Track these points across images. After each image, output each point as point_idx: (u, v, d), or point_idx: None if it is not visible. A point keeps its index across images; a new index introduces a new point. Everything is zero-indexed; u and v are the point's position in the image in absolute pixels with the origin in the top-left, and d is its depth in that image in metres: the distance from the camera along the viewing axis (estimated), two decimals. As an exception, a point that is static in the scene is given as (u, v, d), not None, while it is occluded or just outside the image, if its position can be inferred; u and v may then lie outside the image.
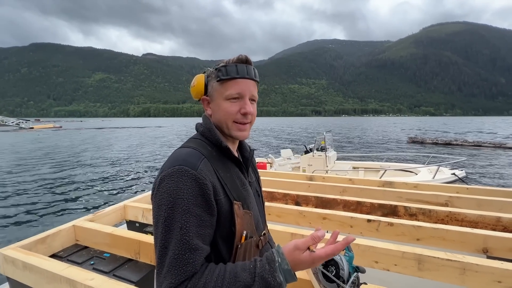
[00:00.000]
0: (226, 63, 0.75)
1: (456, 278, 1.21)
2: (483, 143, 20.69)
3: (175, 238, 0.61)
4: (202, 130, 0.80)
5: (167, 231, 0.62)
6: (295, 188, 2.77)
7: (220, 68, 0.75)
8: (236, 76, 0.73)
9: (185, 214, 0.62)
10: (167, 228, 0.62)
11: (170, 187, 0.63)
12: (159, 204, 0.64)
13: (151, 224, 2.01)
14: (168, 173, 0.65)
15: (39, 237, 1.52)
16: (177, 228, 0.61)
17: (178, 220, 0.61)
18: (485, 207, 2.12)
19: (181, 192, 0.62)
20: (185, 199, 0.62)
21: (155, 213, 0.65)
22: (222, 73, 0.74)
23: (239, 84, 0.74)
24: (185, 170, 0.64)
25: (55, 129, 47.74)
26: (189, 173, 0.64)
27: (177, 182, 0.63)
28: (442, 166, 6.54)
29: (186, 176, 0.64)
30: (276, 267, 0.60)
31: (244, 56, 0.76)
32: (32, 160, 14.75)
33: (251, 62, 0.77)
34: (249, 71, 0.75)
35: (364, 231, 1.77)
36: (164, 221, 0.62)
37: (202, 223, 0.64)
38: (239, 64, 0.75)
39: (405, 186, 2.72)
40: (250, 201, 0.77)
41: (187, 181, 0.63)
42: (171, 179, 0.64)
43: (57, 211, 6.90)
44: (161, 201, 0.64)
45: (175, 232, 0.61)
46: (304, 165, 7.43)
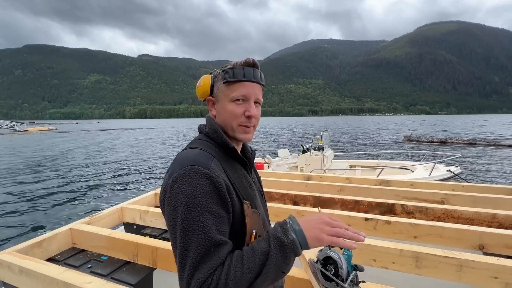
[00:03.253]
0: (234, 65, 0.76)
1: (453, 275, 1.22)
2: (477, 141, 20.93)
3: (197, 237, 0.60)
4: (207, 131, 0.80)
5: (186, 232, 0.60)
6: (293, 187, 2.78)
7: (227, 70, 0.75)
8: (243, 79, 0.74)
9: (204, 213, 0.61)
10: (186, 229, 0.60)
11: (184, 188, 0.62)
12: (174, 206, 0.63)
13: (149, 226, 2.01)
14: (180, 173, 0.64)
15: (35, 240, 1.51)
16: (197, 227, 0.60)
17: (197, 220, 0.60)
18: (481, 204, 2.14)
19: (197, 191, 0.62)
20: (202, 198, 0.62)
21: (171, 216, 0.63)
22: (229, 75, 0.75)
23: (245, 87, 0.75)
24: (198, 169, 0.64)
25: (50, 132, 47.26)
26: (202, 172, 0.64)
27: (191, 182, 0.62)
28: (438, 163, 6.61)
29: (200, 175, 0.63)
30: (288, 227, 0.63)
31: (251, 60, 0.77)
32: (27, 163, 14.58)
33: (258, 66, 0.78)
34: (255, 74, 0.76)
35: (362, 229, 1.76)
36: (182, 222, 0.61)
37: (221, 221, 0.64)
38: (246, 67, 0.75)
39: (401, 184, 2.74)
40: (256, 200, 0.78)
41: (201, 180, 0.63)
42: (185, 179, 0.63)
43: (54, 214, 6.83)
44: (177, 203, 0.62)
45: (197, 232, 0.60)
46: (302, 165, 7.45)
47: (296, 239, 0.61)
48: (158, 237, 1.84)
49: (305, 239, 0.62)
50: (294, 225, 0.64)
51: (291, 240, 0.61)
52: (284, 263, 0.61)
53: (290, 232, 0.62)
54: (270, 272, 0.59)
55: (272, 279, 0.61)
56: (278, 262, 0.60)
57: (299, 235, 0.62)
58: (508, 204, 2.08)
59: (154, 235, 1.87)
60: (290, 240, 0.61)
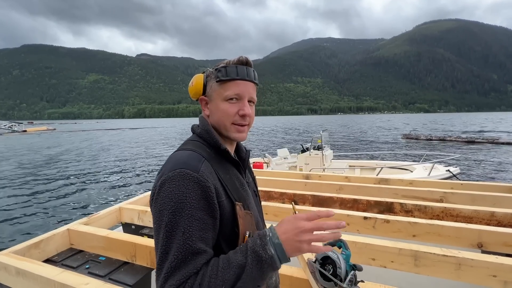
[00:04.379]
0: (226, 64, 0.75)
1: (452, 273, 1.22)
2: (476, 139, 20.99)
3: (177, 242, 0.60)
4: (199, 132, 0.79)
5: (168, 236, 0.60)
6: (291, 187, 2.78)
7: (220, 69, 0.74)
8: (236, 78, 0.73)
9: (188, 218, 0.61)
10: (169, 233, 0.60)
11: (171, 191, 0.62)
12: (160, 209, 0.63)
13: (147, 226, 2.00)
14: (169, 176, 0.64)
15: (32, 241, 1.50)
16: (179, 233, 0.60)
17: (181, 225, 0.60)
18: (479, 202, 2.14)
19: (184, 196, 0.61)
20: (187, 203, 0.61)
21: (156, 218, 0.64)
22: (222, 74, 0.73)
23: (239, 85, 0.74)
24: (187, 173, 0.63)
25: (48, 132, 47.12)
26: (191, 176, 0.63)
27: (179, 186, 0.62)
28: (437, 163, 6.62)
29: (188, 180, 0.63)
30: (267, 240, 0.60)
31: (244, 58, 0.76)
32: (25, 163, 14.54)
33: (251, 64, 0.77)
34: (249, 73, 0.75)
35: (360, 228, 1.77)
36: (165, 226, 0.61)
37: (205, 227, 0.63)
38: (239, 65, 0.74)
39: (400, 183, 2.74)
40: (249, 201, 0.78)
41: (190, 184, 0.62)
42: (173, 183, 0.62)
43: (51, 215, 6.82)
44: (163, 206, 0.62)
45: (178, 237, 0.60)
46: (301, 164, 7.45)
47: (275, 254, 0.59)
48: (156, 237, 1.83)
49: (284, 253, 0.59)
50: (274, 239, 0.60)
51: (269, 256, 0.59)
52: (260, 277, 0.59)
53: (269, 247, 0.59)
54: (244, 285, 0.58)
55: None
56: (254, 276, 0.58)
57: (278, 250, 0.59)
58: (507, 202, 2.08)
59: (153, 235, 1.86)
60: (269, 256, 0.59)
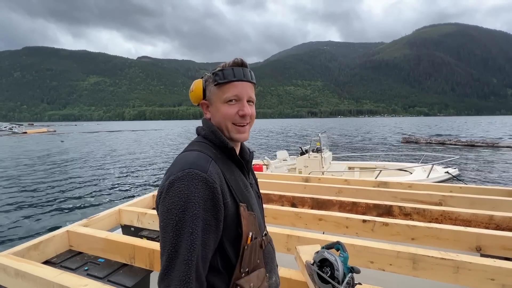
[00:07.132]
0: (223, 67, 0.77)
1: (450, 277, 1.23)
2: (476, 143, 20.98)
3: (185, 243, 0.62)
4: (205, 133, 0.80)
5: (177, 235, 0.62)
6: (291, 189, 2.78)
7: (217, 72, 0.76)
8: (233, 79, 0.75)
9: (195, 218, 0.62)
10: (178, 232, 0.62)
11: (181, 191, 0.63)
12: (169, 208, 0.64)
13: (147, 228, 2.00)
14: (178, 176, 0.65)
15: (32, 243, 1.50)
16: (187, 233, 0.62)
17: (188, 225, 0.62)
18: (478, 205, 2.15)
19: (192, 196, 0.63)
20: (196, 203, 0.63)
21: (164, 217, 0.65)
22: (220, 77, 0.76)
23: (237, 86, 0.76)
24: (196, 173, 0.65)
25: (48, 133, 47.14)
26: (200, 176, 0.65)
27: (188, 186, 0.63)
28: (436, 164, 6.62)
29: (197, 180, 0.64)
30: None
31: (239, 60, 0.77)
32: (24, 165, 14.53)
33: (247, 64, 0.79)
34: (245, 73, 0.77)
35: (359, 231, 1.78)
36: (175, 225, 0.62)
37: (208, 228, 0.65)
38: (236, 67, 0.76)
39: (399, 186, 2.75)
40: (253, 202, 0.79)
41: (198, 184, 0.64)
42: (182, 183, 0.64)
43: (51, 217, 6.79)
44: (172, 205, 0.63)
45: (185, 237, 0.62)
46: (300, 167, 7.44)
47: None
48: (155, 239, 1.83)
49: None
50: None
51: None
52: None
53: None
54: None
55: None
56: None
57: None
58: (506, 205, 2.09)
59: (152, 237, 1.86)
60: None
